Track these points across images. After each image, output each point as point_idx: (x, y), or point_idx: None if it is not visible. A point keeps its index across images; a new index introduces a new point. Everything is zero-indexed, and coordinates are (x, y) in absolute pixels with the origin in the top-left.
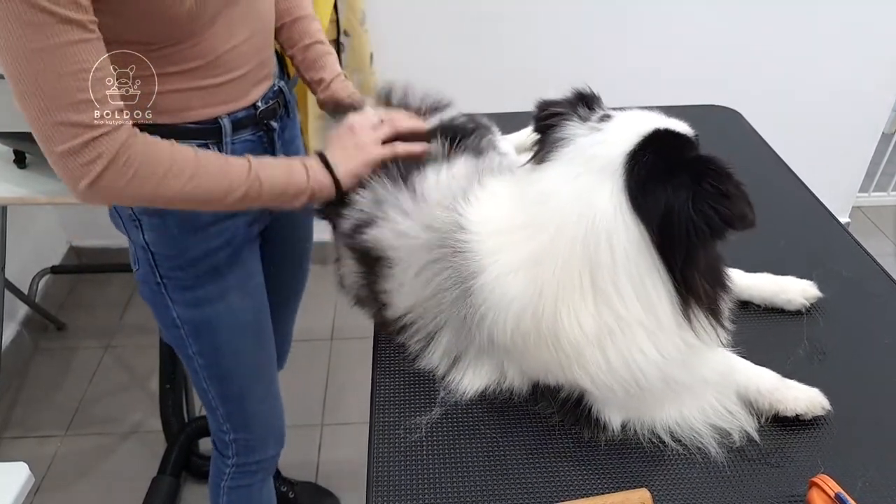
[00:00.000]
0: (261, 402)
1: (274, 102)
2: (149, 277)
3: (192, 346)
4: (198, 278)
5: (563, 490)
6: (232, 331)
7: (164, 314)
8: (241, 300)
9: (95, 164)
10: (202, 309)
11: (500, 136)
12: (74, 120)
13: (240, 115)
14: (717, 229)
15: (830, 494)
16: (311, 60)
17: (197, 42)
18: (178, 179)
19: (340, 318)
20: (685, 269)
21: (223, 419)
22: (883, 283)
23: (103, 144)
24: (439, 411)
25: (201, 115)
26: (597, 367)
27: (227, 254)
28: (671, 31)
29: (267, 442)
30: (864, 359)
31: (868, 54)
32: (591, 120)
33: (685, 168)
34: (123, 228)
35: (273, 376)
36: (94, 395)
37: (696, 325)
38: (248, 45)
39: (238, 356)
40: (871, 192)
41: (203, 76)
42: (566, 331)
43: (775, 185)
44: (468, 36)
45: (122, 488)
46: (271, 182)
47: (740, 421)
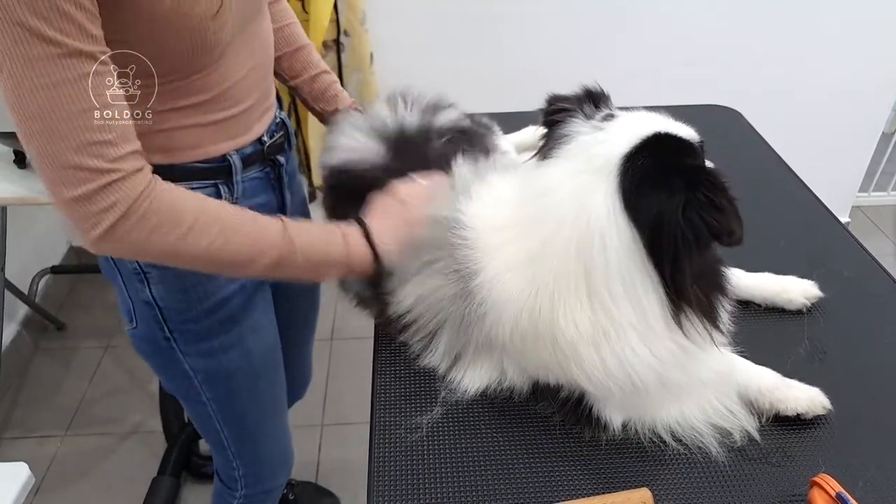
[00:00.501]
0: (272, 435)
1: (280, 136)
2: (153, 334)
3: (206, 394)
4: (212, 328)
5: (564, 490)
6: (248, 373)
7: (171, 367)
8: (256, 342)
9: (109, 212)
10: (217, 357)
11: (501, 136)
12: (87, 164)
13: (248, 150)
14: (703, 241)
15: (832, 494)
16: (320, 91)
17: (207, 74)
18: (204, 236)
19: (340, 319)
20: (675, 274)
21: (234, 456)
22: (883, 282)
23: (120, 191)
24: (440, 411)
25: (210, 152)
26: (593, 367)
27: (242, 299)
28: (671, 31)
29: (276, 472)
30: (864, 358)
31: (868, 54)
32: (595, 118)
33: (681, 175)
34: (121, 283)
35: (284, 408)
36: (94, 396)
37: (689, 328)
38: (253, 76)
39: (254, 396)
40: (871, 192)
41: (211, 110)
42: (563, 330)
43: (776, 185)
44: (468, 36)
45: (122, 488)
46: (307, 250)
47: (741, 420)
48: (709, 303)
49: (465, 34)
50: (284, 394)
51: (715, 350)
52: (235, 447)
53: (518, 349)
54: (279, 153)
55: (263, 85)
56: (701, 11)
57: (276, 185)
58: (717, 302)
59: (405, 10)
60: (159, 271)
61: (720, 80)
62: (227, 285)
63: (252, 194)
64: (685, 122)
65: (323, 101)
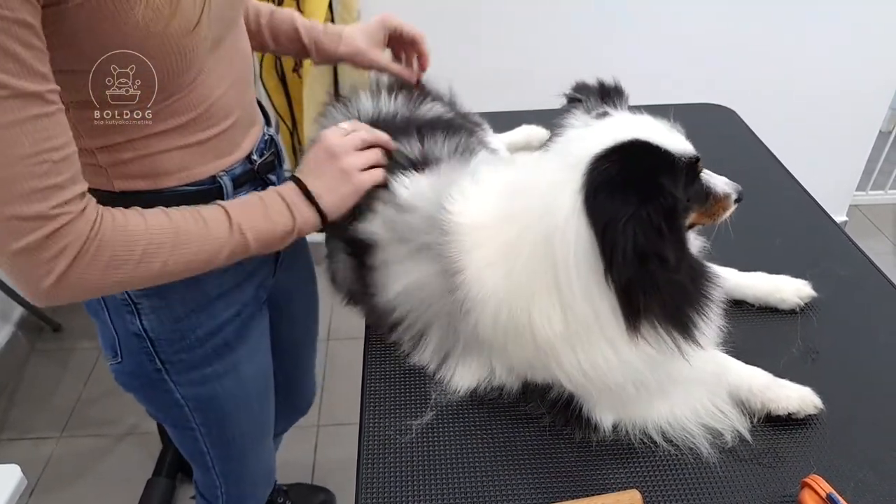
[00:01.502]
0: (258, 457)
1: (270, 154)
2: (142, 368)
3: (196, 420)
4: (206, 357)
5: (553, 492)
6: (241, 399)
7: (161, 399)
8: (250, 369)
9: (61, 258)
10: (210, 385)
11: (492, 134)
12: (31, 212)
13: (237, 170)
14: (629, 258)
15: (822, 495)
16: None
17: (187, 94)
18: (158, 257)
19: (336, 319)
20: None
21: (218, 475)
22: (878, 282)
23: (70, 234)
24: (430, 413)
25: (198, 174)
26: (571, 367)
27: (237, 326)
28: (667, 30)
29: (258, 488)
30: (858, 358)
31: (865, 52)
32: (591, 114)
33: (639, 188)
34: (107, 317)
35: (272, 429)
36: (90, 397)
37: (651, 336)
38: (233, 91)
39: (244, 422)
40: (869, 191)
41: (194, 130)
42: (539, 327)
43: (770, 184)
44: (463, 35)
45: (118, 490)
46: (255, 232)
47: (732, 421)
48: (676, 314)
49: (459, 33)
50: (273, 416)
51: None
52: (220, 467)
53: (502, 346)
54: (271, 172)
55: (245, 99)
56: (698, 10)
57: None
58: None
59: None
60: (150, 301)
61: (717, 79)
62: (221, 313)
63: None
64: (681, 121)
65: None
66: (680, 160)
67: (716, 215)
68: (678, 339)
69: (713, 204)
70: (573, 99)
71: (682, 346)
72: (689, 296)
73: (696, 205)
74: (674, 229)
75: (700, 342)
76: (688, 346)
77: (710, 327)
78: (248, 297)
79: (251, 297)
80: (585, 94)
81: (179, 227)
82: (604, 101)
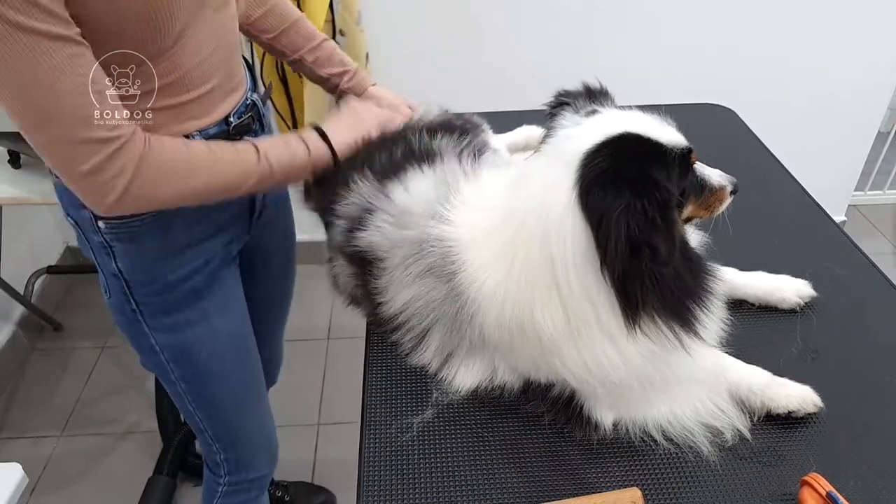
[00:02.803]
0: (249, 421)
1: (248, 117)
2: (123, 306)
3: (175, 372)
4: (176, 303)
5: (554, 489)
6: (214, 353)
7: (141, 342)
8: (222, 322)
9: (121, 176)
10: (182, 333)
11: (492, 135)
12: (94, 136)
13: (211, 131)
14: (622, 250)
15: (822, 493)
16: (325, 58)
17: (165, 59)
18: (200, 173)
19: (337, 318)
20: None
21: (212, 440)
22: (877, 281)
23: (126, 155)
24: (431, 411)
25: (173, 133)
26: (574, 364)
27: (205, 276)
28: (668, 31)
29: (258, 460)
30: (857, 358)
31: (864, 52)
32: (580, 114)
33: (631, 180)
34: (93, 257)
35: (260, 393)
36: (91, 396)
37: (652, 332)
38: (214, 58)
39: (222, 378)
40: (868, 191)
41: (171, 94)
42: (542, 326)
43: (769, 184)
44: (463, 36)
45: (118, 488)
46: (279, 162)
47: (732, 419)
48: (676, 307)
49: (459, 34)
50: (258, 380)
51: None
52: (212, 431)
53: (507, 346)
54: (247, 133)
55: (227, 66)
56: (697, 10)
57: None
58: (688, 307)
59: (400, 10)
60: (124, 245)
61: (717, 80)
62: (191, 261)
63: None
64: (679, 121)
65: (330, 65)
66: (672, 152)
67: (712, 208)
68: (679, 333)
69: (709, 196)
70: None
71: (684, 340)
72: (689, 288)
73: (692, 197)
74: (667, 220)
75: (701, 335)
76: (689, 339)
77: (711, 321)
78: (218, 248)
79: (221, 249)
80: (571, 98)
81: (215, 151)
82: (591, 102)
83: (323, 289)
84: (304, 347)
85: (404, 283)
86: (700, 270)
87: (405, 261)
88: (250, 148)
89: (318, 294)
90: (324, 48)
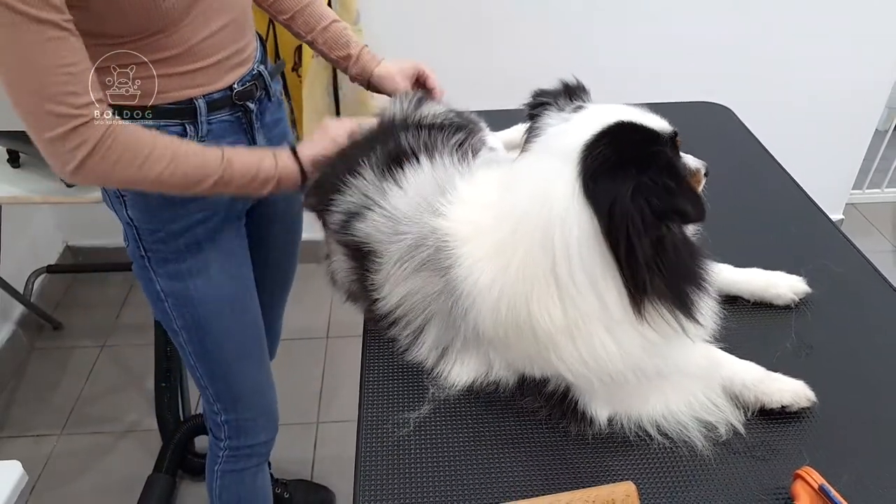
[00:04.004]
0: (248, 381)
1: (251, 84)
2: (135, 252)
3: (177, 321)
4: (179, 252)
5: (549, 483)
6: (213, 305)
7: (149, 288)
8: (223, 276)
9: (80, 149)
10: (184, 282)
11: (489, 133)
12: (58, 111)
13: (215, 96)
14: (649, 224)
15: (815, 486)
16: (332, 40)
17: (172, 33)
18: (159, 164)
19: (336, 316)
20: (629, 260)
21: (213, 399)
22: (872, 279)
23: (87, 132)
24: (428, 407)
25: (176, 97)
26: (571, 358)
27: (208, 228)
28: (664, 29)
29: (258, 424)
30: (851, 353)
31: (862, 51)
32: (566, 111)
33: (636, 161)
34: (111, 205)
35: (262, 359)
36: (90, 395)
37: (654, 319)
38: (223, 33)
39: (221, 333)
40: (865, 189)
41: (177, 64)
42: (538, 321)
43: (765, 182)
44: (461, 34)
45: (118, 487)
46: (242, 168)
47: (726, 414)
48: (679, 292)
49: (457, 33)
50: (259, 342)
51: (695, 343)
52: (212, 388)
53: (503, 341)
54: (248, 99)
55: (238, 40)
56: (695, 9)
57: (248, 129)
58: (689, 292)
59: (399, 9)
60: (133, 195)
61: (714, 78)
62: (193, 213)
63: (220, 135)
64: (677, 119)
65: (336, 48)
66: (663, 136)
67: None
68: (680, 318)
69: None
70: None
71: (685, 325)
72: (690, 272)
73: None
74: (680, 182)
75: (700, 322)
76: (690, 325)
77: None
78: (223, 204)
79: (225, 204)
80: (550, 97)
81: (180, 146)
82: (571, 100)
83: (322, 288)
84: (304, 346)
85: (400, 277)
86: (697, 254)
87: (401, 255)
88: (216, 151)
89: (317, 293)
90: (330, 30)
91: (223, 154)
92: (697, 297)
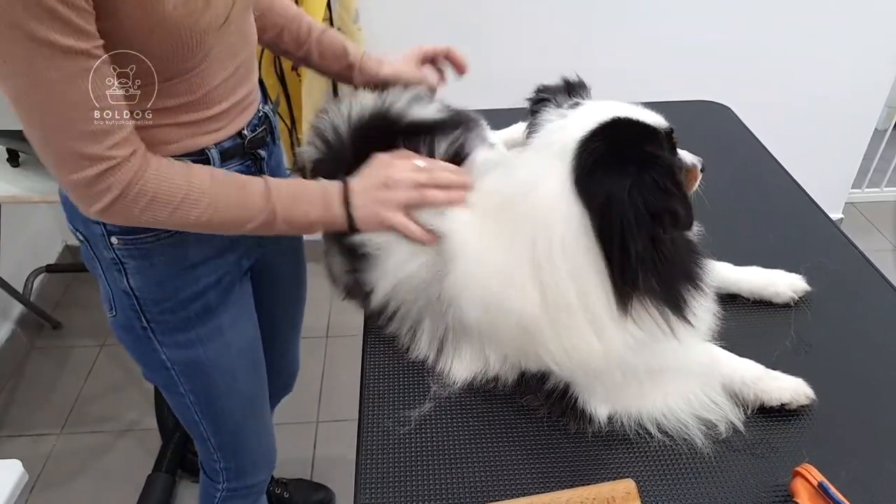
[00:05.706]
0: (253, 432)
1: (261, 130)
2: (132, 323)
3: (184, 385)
4: (189, 320)
5: (549, 481)
6: (226, 368)
7: (150, 357)
8: (235, 336)
9: (106, 195)
10: (194, 349)
11: (490, 131)
12: (85, 152)
13: (226, 144)
14: (643, 222)
15: (814, 483)
16: (329, 51)
17: (188, 77)
18: (195, 209)
19: (336, 316)
20: (622, 258)
21: (214, 449)
22: (872, 277)
23: (114, 176)
24: (429, 405)
25: (188, 146)
26: (556, 349)
27: (219, 292)
28: (664, 28)
29: (258, 467)
30: (850, 351)
31: (862, 50)
32: (563, 107)
33: (633, 158)
34: (101, 272)
35: (266, 404)
36: (90, 394)
37: (641, 317)
38: (236, 76)
39: (232, 391)
40: (865, 189)
41: (191, 111)
42: (520, 311)
43: (764, 180)
44: (461, 33)
45: (118, 486)
46: (287, 213)
47: (726, 412)
48: (672, 291)
49: (457, 31)
50: (265, 392)
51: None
52: (215, 441)
53: (489, 332)
54: (261, 147)
55: (246, 84)
56: (694, 7)
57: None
58: (682, 291)
59: (398, 8)
60: (136, 262)
61: (713, 78)
62: (203, 278)
63: None
64: (676, 118)
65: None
66: (660, 132)
67: (689, 185)
68: (669, 317)
69: (685, 174)
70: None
71: (673, 326)
72: (686, 271)
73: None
74: (678, 185)
75: (691, 321)
76: (679, 325)
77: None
78: (231, 264)
79: (234, 264)
80: (551, 93)
81: (220, 187)
82: (571, 96)
83: (322, 287)
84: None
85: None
86: (693, 252)
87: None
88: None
89: (317, 293)
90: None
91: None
92: (691, 296)
